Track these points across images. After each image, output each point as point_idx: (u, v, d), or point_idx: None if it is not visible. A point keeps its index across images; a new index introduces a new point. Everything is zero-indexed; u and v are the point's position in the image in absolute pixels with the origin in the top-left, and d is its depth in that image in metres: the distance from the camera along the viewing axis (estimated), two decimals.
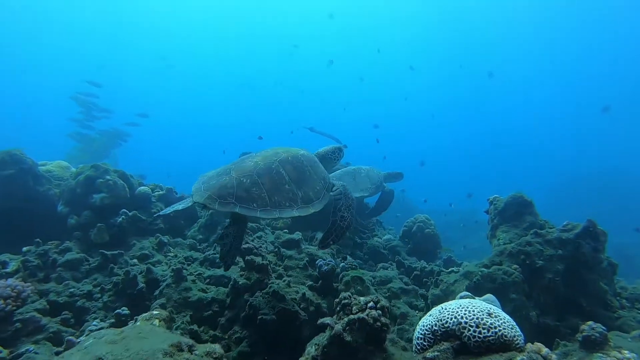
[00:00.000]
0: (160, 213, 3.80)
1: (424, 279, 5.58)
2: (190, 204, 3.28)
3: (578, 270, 4.04)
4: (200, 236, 5.81)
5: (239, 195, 2.93)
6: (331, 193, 3.61)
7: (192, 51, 60.95)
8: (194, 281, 4.50)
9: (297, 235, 5.47)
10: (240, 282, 4.16)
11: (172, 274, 4.28)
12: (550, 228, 4.80)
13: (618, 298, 4.47)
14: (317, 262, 4.56)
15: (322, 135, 18.51)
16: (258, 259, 4.35)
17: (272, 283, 4.22)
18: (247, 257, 4.34)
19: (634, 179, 29.45)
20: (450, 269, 5.10)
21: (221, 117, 69.45)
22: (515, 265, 4.10)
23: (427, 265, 5.83)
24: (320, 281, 4.55)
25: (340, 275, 4.62)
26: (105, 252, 4.71)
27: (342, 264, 5.00)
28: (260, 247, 4.54)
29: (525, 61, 52.84)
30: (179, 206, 3.45)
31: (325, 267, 4.46)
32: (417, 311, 5.05)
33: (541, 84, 55.17)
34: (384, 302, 2.49)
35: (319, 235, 6.58)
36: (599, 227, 4.09)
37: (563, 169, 37.23)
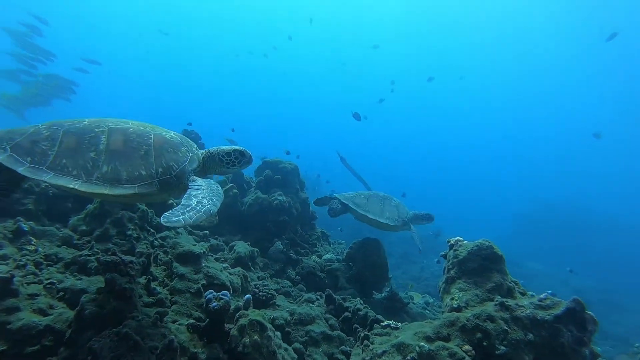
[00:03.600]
0: None
1: (355, 325, 4.49)
2: None
3: None
4: (84, 227, 4.47)
5: (21, 144, 2.56)
6: (189, 186, 2.96)
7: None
8: (32, 296, 3.20)
9: (199, 247, 4.23)
10: (87, 310, 2.92)
11: None
12: (521, 294, 3.78)
13: None
14: (205, 295, 3.36)
15: (349, 170, 17.20)
16: (122, 281, 3.13)
17: (131, 319, 3.01)
18: (108, 276, 3.11)
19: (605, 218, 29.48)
20: (386, 324, 3.99)
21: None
22: (467, 347, 3.03)
23: (361, 307, 4.73)
24: (207, 320, 3.37)
25: (237, 315, 3.44)
26: None
27: (247, 295, 3.82)
28: (130, 263, 3.29)
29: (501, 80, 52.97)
30: None
31: (215, 304, 3.26)
32: None
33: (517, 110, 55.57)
34: None
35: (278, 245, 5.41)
36: (588, 312, 3.05)
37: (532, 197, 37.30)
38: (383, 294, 6.57)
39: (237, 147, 3.47)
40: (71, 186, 2.53)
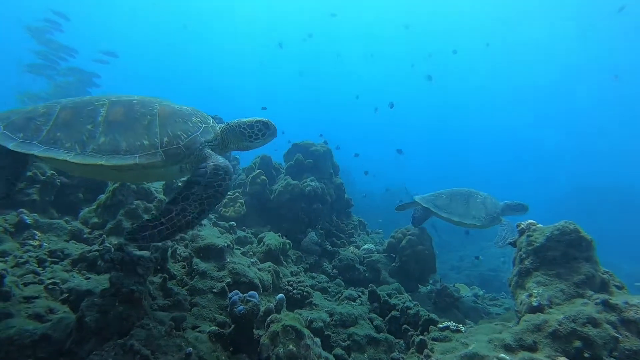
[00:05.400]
0: None
1: (405, 326, 3.84)
2: None
3: None
4: (96, 219, 4.03)
5: (16, 121, 2.44)
6: (193, 173, 2.55)
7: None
8: (28, 299, 2.76)
9: (223, 239, 3.67)
10: (88, 317, 2.41)
11: None
12: (618, 288, 3.05)
13: None
14: (230, 296, 2.80)
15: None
16: (129, 282, 2.60)
17: (140, 327, 2.48)
18: (113, 275, 2.59)
19: None
20: (444, 325, 3.33)
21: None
22: (562, 358, 2.32)
23: (411, 305, 4.06)
24: (233, 326, 2.81)
25: (268, 319, 2.86)
26: None
27: (280, 295, 3.24)
28: (140, 260, 2.75)
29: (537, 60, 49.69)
30: None
31: (241, 308, 2.70)
32: None
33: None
34: None
35: (312, 236, 5.15)
36: None
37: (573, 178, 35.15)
38: (429, 287, 5.90)
39: (259, 118, 3.09)
40: (62, 158, 2.30)
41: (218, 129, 2.96)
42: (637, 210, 26.03)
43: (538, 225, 3.42)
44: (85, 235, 3.83)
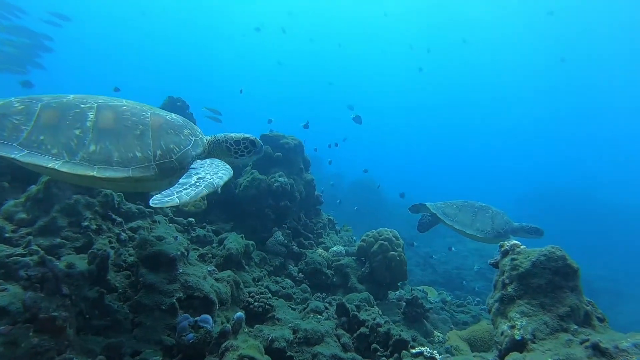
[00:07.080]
0: None
1: (374, 345, 3.56)
2: None
3: None
4: (23, 215, 3.41)
5: None
6: (191, 166, 2.56)
7: None
8: None
9: (176, 246, 3.20)
10: None
11: None
12: (600, 320, 2.86)
13: None
14: (179, 321, 2.39)
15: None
16: (50, 305, 2.13)
17: None
18: (28, 296, 2.12)
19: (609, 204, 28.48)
20: (417, 351, 3.07)
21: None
22: None
23: (381, 322, 3.78)
24: (180, 356, 2.41)
25: (223, 346, 2.48)
26: None
27: (238, 313, 2.85)
28: (67, 277, 2.29)
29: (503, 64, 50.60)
30: None
31: (191, 336, 2.31)
32: None
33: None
34: None
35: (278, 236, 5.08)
36: None
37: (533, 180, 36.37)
38: (398, 293, 5.68)
39: (247, 136, 3.11)
40: (49, 166, 2.13)
41: (206, 141, 2.88)
42: (592, 213, 27.21)
43: (522, 247, 3.18)
44: (7, 234, 3.22)
